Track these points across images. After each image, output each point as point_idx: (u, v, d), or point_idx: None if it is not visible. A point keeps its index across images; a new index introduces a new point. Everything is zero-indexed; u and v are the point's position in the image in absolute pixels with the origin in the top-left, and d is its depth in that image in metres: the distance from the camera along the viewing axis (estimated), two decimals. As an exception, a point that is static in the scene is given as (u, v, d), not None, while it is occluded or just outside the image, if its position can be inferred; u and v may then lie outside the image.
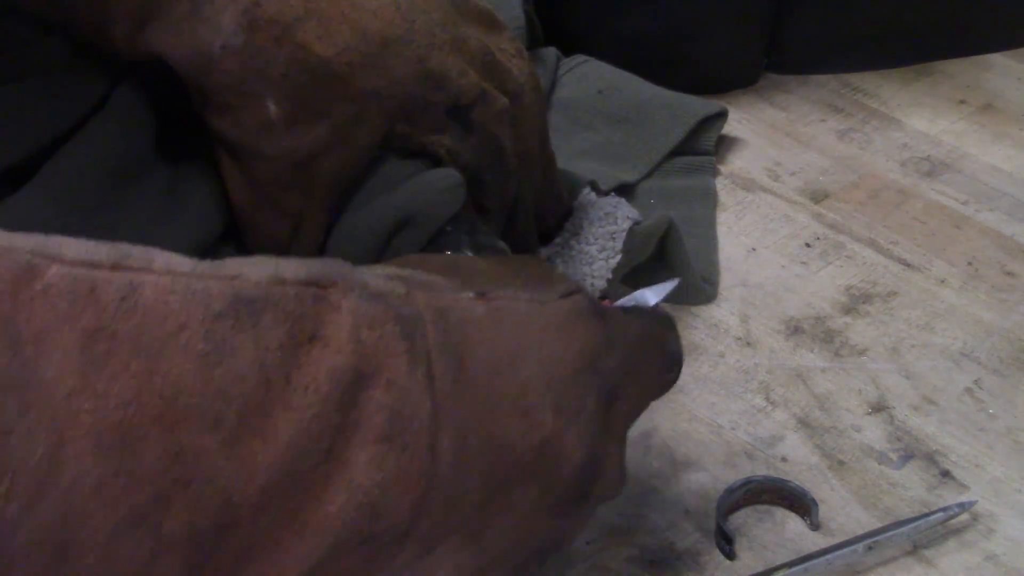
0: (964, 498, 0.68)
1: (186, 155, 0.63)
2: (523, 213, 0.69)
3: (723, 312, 0.81)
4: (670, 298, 0.80)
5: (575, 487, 0.51)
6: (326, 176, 0.61)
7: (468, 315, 0.47)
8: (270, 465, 0.40)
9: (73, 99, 0.60)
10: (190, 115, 0.61)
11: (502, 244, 0.64)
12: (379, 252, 0.61)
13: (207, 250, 0.62)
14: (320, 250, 0.62)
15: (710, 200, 0.89)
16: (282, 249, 0.62)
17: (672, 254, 0.80)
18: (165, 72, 0.59)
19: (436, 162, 0.63)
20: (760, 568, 0.65)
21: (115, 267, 0.38)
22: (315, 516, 0.41)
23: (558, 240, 0.72)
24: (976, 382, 0.76)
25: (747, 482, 0.68)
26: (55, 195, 0.58)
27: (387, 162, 0.63)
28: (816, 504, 0.67)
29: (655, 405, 0.73)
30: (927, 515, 0.67)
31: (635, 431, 0.72)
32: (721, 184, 0.91)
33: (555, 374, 0.50)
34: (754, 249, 0.86)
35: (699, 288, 0.81)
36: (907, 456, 0.71)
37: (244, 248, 0.63)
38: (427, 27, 0.61)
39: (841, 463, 0.71)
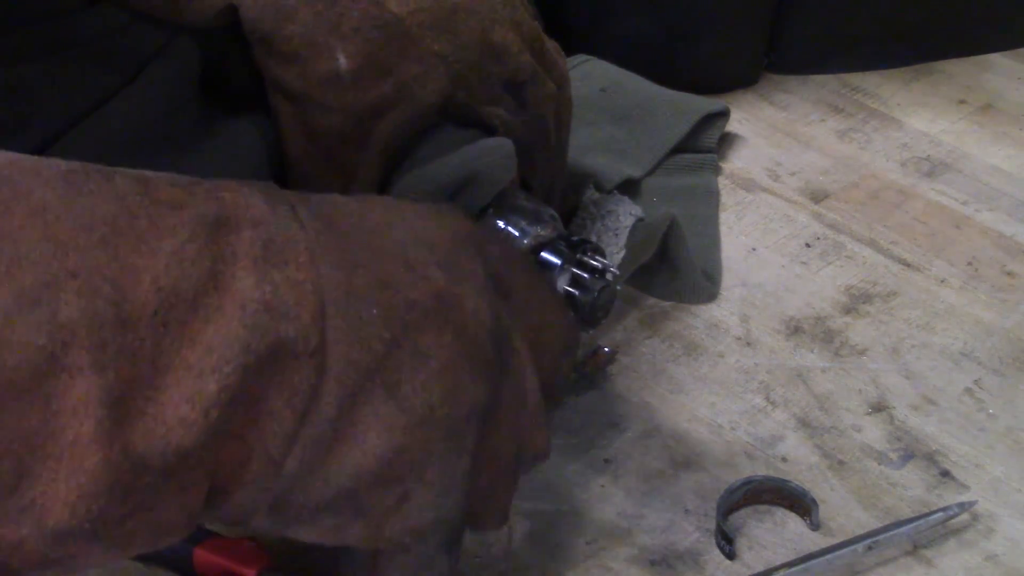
0: (964, 498, 0.68)
1: (230, 119, 0.64)
2: (555, 198, 0.71)
3: (723, 312, 0.81)
4: (673, 296, 0.81)
5: (489, 344, 0.49)
6: (385, 133, 0.62)
7: (334, 198, 0.50)
8: (155, 278, 0.41)
9: (116, 70, 0.61)
10: (230, 85, 0.62)
11: (551, 210, 0.65)
12: None
13: None
14: None
15: (713, 198, 0.89)
16: None
17: (674, 252, 0.80)
18: (209, 38, 0.60)
19: (490, 132, 0.65)
20: (760, 568, 0.65)
21: None
22: (213, 333, 0.42)
23: None
24: (976, 382, 0.76)
25: (747, 482, 0.68)
26: (97, 145, 0.59)
27: (445, 128, 0.64)
28: (816, 504, 0.67)
29: (655, 405, 0.74)
30: (927, 515, 0.67)
31: (635, 431, 0.72)
32: (721, 184, 0.91)
33: (434, 241, 0.50)
34: (754, 249, 0.86)
35: (701, 287, 0.81)
36: (907, 456, 0.71)
37: None
38: (490, 2, 0.63)
39: (841, 463, 0.71)
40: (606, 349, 0.75)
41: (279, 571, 0.60)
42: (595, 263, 0.65)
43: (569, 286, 0.64)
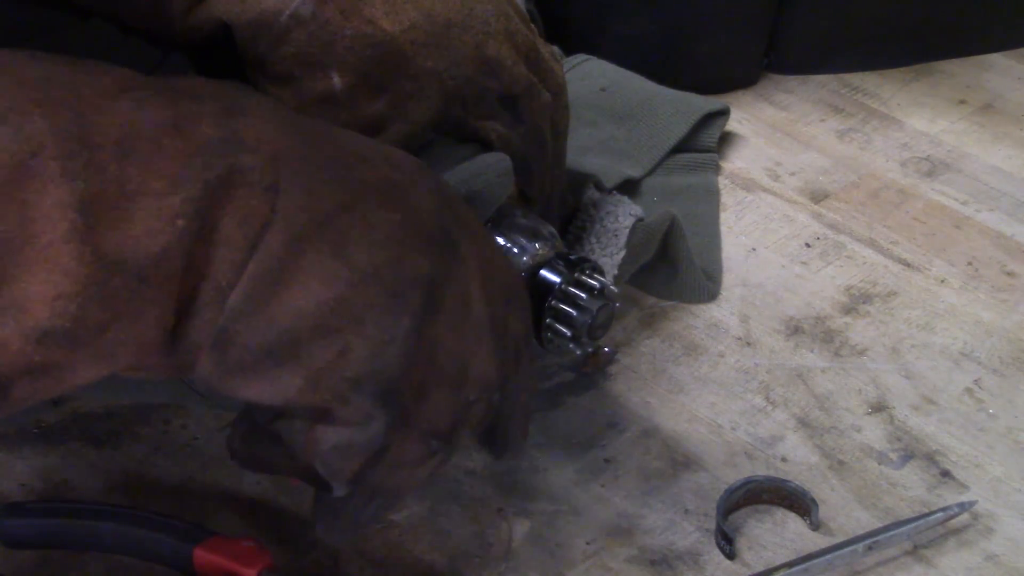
0: (964, 498, 0.68)
1: None
2: (553, 207, 0.71)
3: (723, 312, 0.81)
4: (673, 295, 0.81)
5: (438, 228, 0.51)
6: None
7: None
8: (117, 114, 0.44)
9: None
10: None
11: (550, 227, 0.66)
12: None
13: None
14: None
15: (713, 197, 0.89)
16: None
17: (675, 251, 0.80)
18: (203, 54, 0.60)
19: (487, 147, 0.65)
20: (760, 568, 0.65)
21: None
22: (175, 165, 0.44)
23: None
24: (976, 382, 0.76)
25: (747, 482, 0.68)
26: None
27: (441, 144, 0.64)
28: (816, 504, 0.67)
29: (655, 405, 0.74)
30: (927, 515, 0.67)
31: (635, 431, 0.72)
32: (721, 184, 0.91)
33: (389, 153, 0.52)
34: (754, 249, 0.86)
35: (702, 286, 0.81)
36: (907, 456, 0.71)
37: None
38: (484, 16, 0.63)
39: (841, 463, 0.71)
40: (606, 349, 0.75)
41: (279, 571, 0.60)
42: (593, 282, 0.65)
43: (567, 306, 0.65)
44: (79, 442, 0.69)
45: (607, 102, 0.92)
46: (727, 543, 0.65)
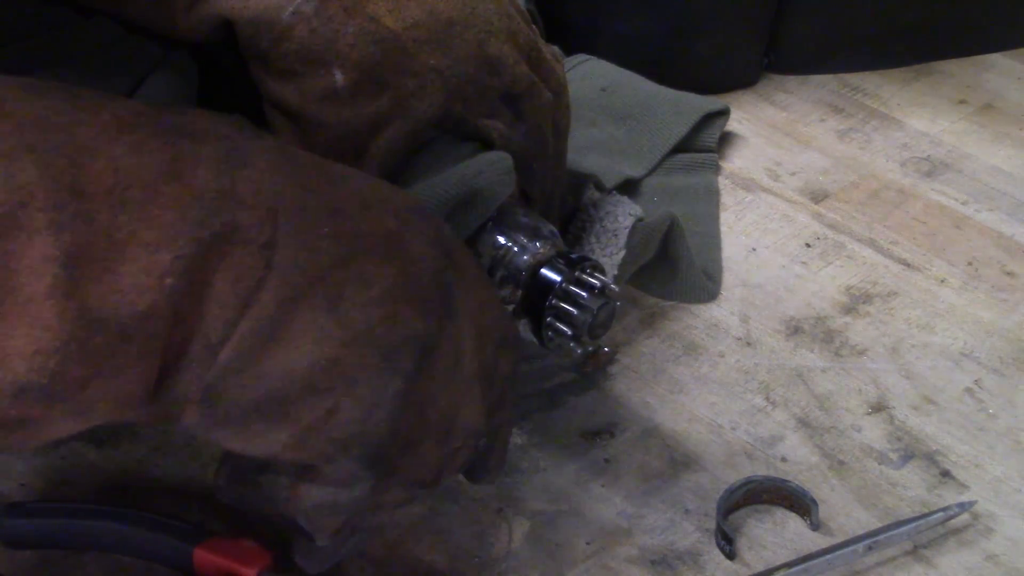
0: (964, 498, 0.68)
1: None
2: (554, 207, 0.71)
3: (723, 312, 0.81)
4: (673, 296, 0.81)
5: (434, 284, 0.51)
6: (383, 148, 0.62)
7: (297, 148, 0.52)
8: (113, 160, 0.43)
9: (112, 84, 0.61)
10: (227, 99, 0.63)
11: (551, 226, 0.65)
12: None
13: None
14: None
15: (713, 197, 0.89)
16: None
17: (675, 251, 0.80)
18: (203, 54, 0.60)
19: (488, 146, 0.65)
20: (760, 568, 0.65)
21: None
22: (170, 216, 0.44)
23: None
24: (976, 382, 0.76)
25: (747, 482, 0.68)
26: None
27: (442, 142, 0.64)
28: (816, 504, 0.67)
29: (655, 405, 0.74)
30: (927, 515, 0.67)
31: (635, 431, 0.72)
32: (721, 184, 0.91)
33: (390, 198, 0.52)
34: (754, 249, 0.86)
35: (702, 286, 0.81)
36: (907, 456, 0.71)
37: None
38: (486, 15, 0.63)
39: (841, 463, 0.71)
40: (606, 349, 0.75)
41: (279, 571, 0.60)
42: (594, 280, 0.65)
43: (568, 304, 0.65)
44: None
45: (607, 102, 0.92)
46: (727, 543, 0.65)
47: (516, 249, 0.65)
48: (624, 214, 0.74)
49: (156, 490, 0.67)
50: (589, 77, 0.94)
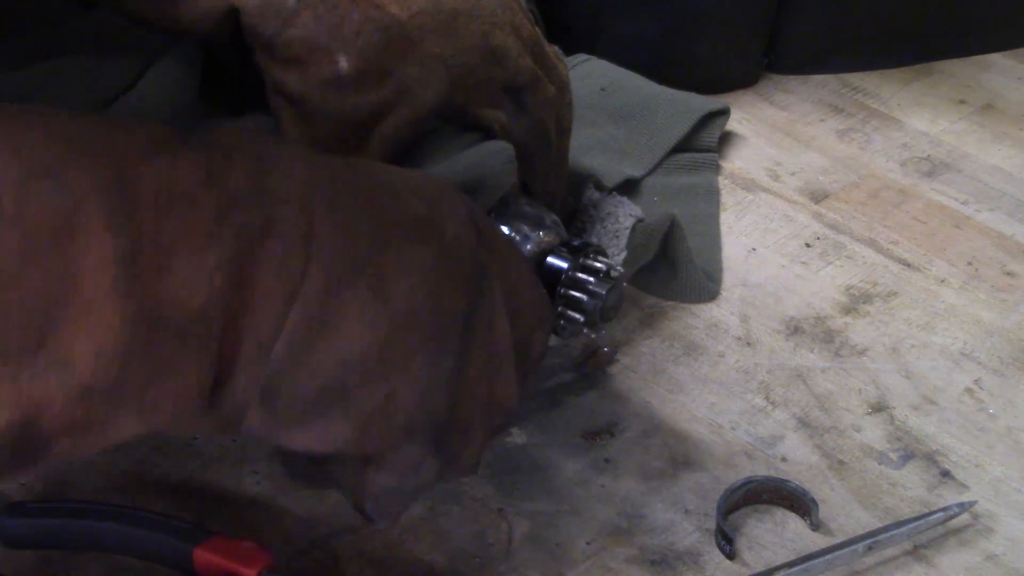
0: (964, 498, 0.68)
1: (231, 122, 0.65)
2: (556, 204, 0.71)
3: (723, 312, 0.81)
4: (673, 296, 0.81)
5: (470, 261, 0.51)
6: (386, 135, 0.62)
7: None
8: (154, 175, 0.43)
9: (115, 74, 0.62)
10: (231, 87, 0.63)
11: (553, 216, 0.66)
12: None
13: None
14: None
15: (713, 197, 0.89)
16: None
17: (675, 252, 0.80)
18: (211, 42, 0.60)
19: (489, 136, 0.65)
20: (760, 568, 0.65)
21: None
22: (209, 220, 0.44)
23: None
24: (976, 382, 0.76)
25: (747, 482, 0.68)
26: None
27: (444, 132, 0.65)
28: (816, 504, 0.67)
29: (655, 405, 0.74)
30: (927, 515, 0.67)
31: (635, 431, 0.72)
32: (721, 184, 0.91)
33: (418, 184, 0.52)
34: (754, 249, 0.86)
35: (702, 286, 0.81)
36: (907, 456, 0.71)
37: None
38: (490, 6, 0.64)
39: (841, 463, 0.71)
40: (606, 349, 0.75)
41: (279, 571, 0.60)
42: (599, 265, 0.65)
43: (577, 292, 0.65)
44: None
45: (607, 102, 0.92)
46: (727, 543, 0.65)
47: (519, 239, 0.64)
48: (625, 215, 0.74)
49: (156, 490, 0.67)
50: (589, 77, 0.94)
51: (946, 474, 0.71)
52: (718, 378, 0.76)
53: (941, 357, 0.78)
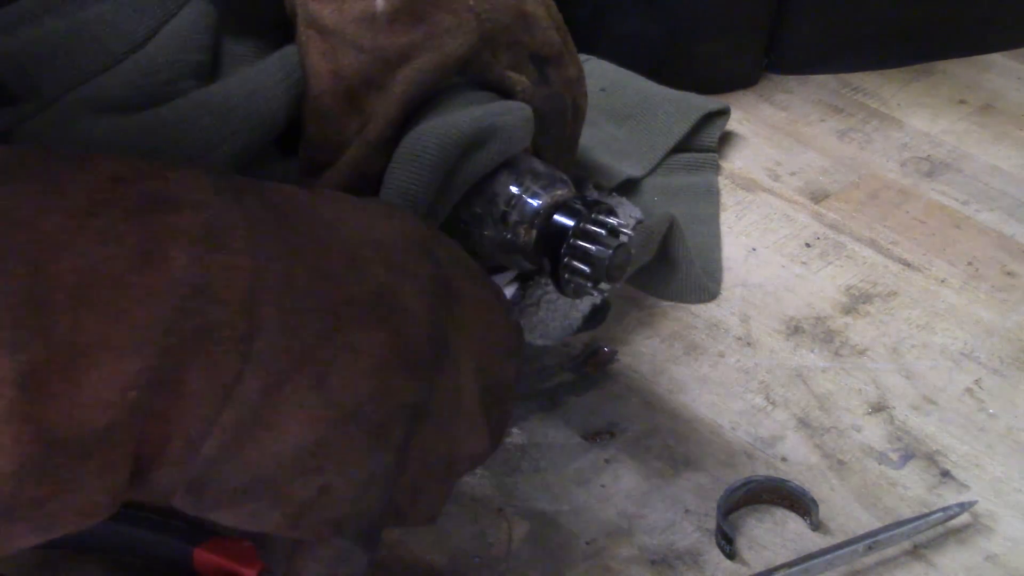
0: (964, 498, 0.68)
1: (256, 56, 0.65)
2: None
3: (723, 312, 0.81)
4: (673, 296, 0.81)
5: (426, 345, 0.50)
6: (408, 79, 0.62)
7: (287, 189, 0.50)
8: (78, 256, 0.41)
9: (126, 32, 0.62)
10: (259, 20, 0.64)
11: (564, 175, 0.65)
12: (457, 158, 0.62)
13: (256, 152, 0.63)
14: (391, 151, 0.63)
15: (713, 197, 0.89)
16: (343, 144, 0.63)
17: (674, 252, 0.80)
18: None
19: (509, 98, 0.66)
20: (760, 568, 0.65)
21: None
22: (140, 312, 0.42)
23: None
24: (976, 382, 0.76)
25: (747, 482, 0.68)
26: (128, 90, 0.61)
27: (465, 86, 0.65)
28: (816, 504, 0.67)
29: (655, 405, 0.74)
30: (927, 515, 0.67)
31: (635, 431, 0.72)
32: (721, 184, 0.91)
33: (381, 240, 0.50)
34: (754, 249, 0.86)
35: (702, 286, 0.81)
36: (907, 456, 0.71)
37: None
38: None
39: (841, 463, 0.71)
40: (606, 349, 0.75)
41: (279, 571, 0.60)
42: (611, 221, 0.65)
43: (585, 242, 0.64)
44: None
45: (607, 102, 0.92)
46: (727, 543, 0.65)
47: (530, 194, 0.64)
48: (625, 216, 0.74)
49: (156, 490, 0.67)
50: (589, 77, 0.93)
51: (946, 474, 0.71)
52: (718, 378, 0.76)
53: (941, 357, 0.78)
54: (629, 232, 0.65)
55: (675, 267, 0.80)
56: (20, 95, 0.60)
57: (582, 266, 0.63)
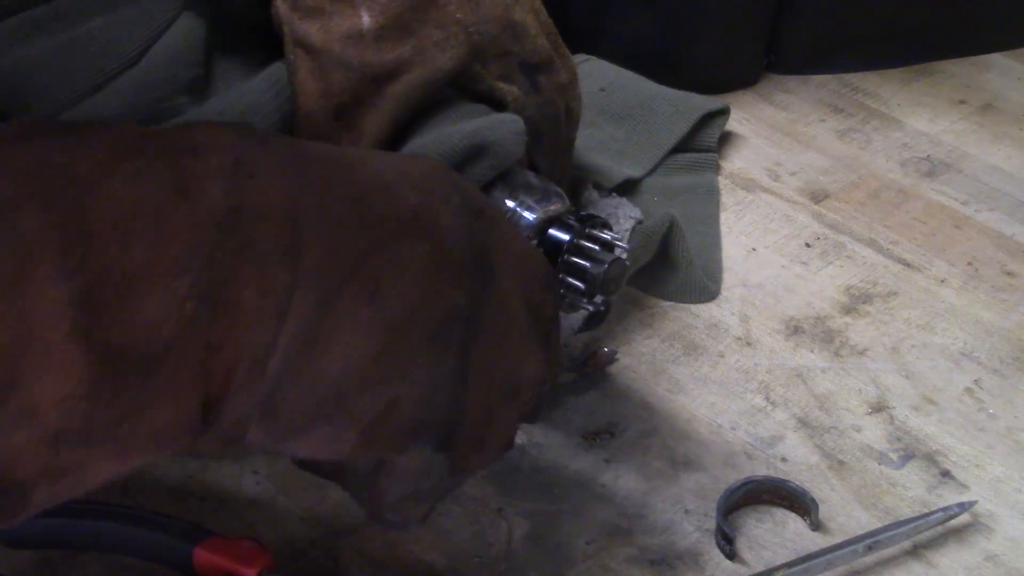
0: (964, 498, 0.68)
1: (245, 75, 0.65)
2: None
3: (723, 312, 0.81)
4: (673, 296, 0.81)
5: (468, 254, 0.50)
6: (399, 95, 0.63)
7: (307, 140, 0.50)
8: (114, 192, 0.42)
9: (118, 50, 0.62)
10: (248, 39, 0.64)
11: (558, 188, 0.66)
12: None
13: None
14: None
15: (713, 197, 0.89)
16: None
17: (674, 252, 0.80)
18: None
19: (500, 109, 0.66)
20: (760, 568, 0.65)
21: None
22: (182, 238, 0.42)
23: None
24: (976, 382, 0.76)
25: (747, 482, 0.68)
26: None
27: (456, 100, 0.65)
28: (816, 504, 0.67)
29: (655, 405, 0.74)
30: (927, 515, 0.67)
31: (635, 431, 0.72)
32: (721, 184, 0.91)
33: (409, 170, 0.51)
34: (754, 249, 0.86)
35: (702, 286, 0.81)
36: (907, 456, 0.71)
37: None
38: None
39: (841, 463, 0.71)
40: (606, 349, 0.75)
41: (279, 571, 0.60)
42: (605, 236, 0.65)
43: (579, 258, 0.64)
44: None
45: (607, 102, 0.92)
46: (727, 543, 0.65)
47: (525, 208, 0.64)
48: (624, 216, 0.74)
49: (156, 490, 0.67)
50: (589, 77, 0.94)
51: (946, 474, 0.71)
52: (718, 378, 0.76)
53: (941, 357, 0.78)
54: (624, 245, 0.65)
55: (675, 267, 0.80)
56: (12, 115, 0.60)
57: (576, 283, 0.64)
